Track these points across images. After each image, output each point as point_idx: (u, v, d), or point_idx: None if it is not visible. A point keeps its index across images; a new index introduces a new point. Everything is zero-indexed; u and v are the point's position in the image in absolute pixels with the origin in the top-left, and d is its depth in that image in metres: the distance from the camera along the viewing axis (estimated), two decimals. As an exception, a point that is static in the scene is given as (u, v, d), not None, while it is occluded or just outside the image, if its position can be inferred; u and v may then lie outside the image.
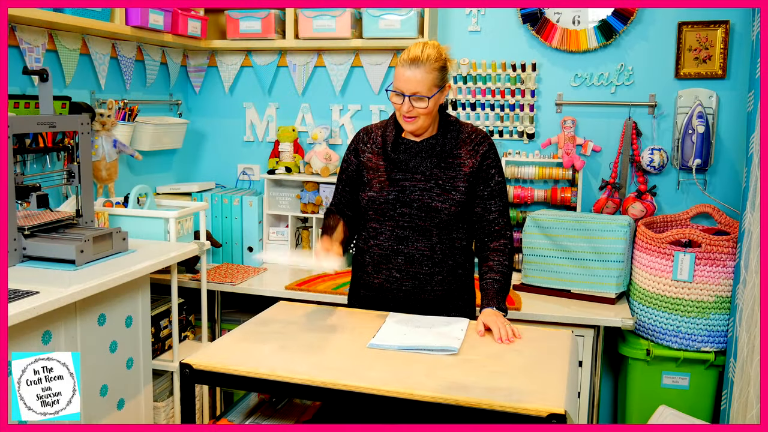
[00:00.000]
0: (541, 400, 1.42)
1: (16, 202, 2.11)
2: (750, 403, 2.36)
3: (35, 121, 2.16)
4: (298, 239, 3.37)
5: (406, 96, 1.94)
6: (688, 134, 2.88)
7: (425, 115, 1.97)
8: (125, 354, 2.33)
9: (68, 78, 2.68)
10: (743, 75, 2.86)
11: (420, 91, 1.93)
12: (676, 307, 2.64)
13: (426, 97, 1.94)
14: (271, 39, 3.19)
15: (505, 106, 3.14)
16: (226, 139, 3.55)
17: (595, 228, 2.72)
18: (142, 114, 3.04)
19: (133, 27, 2.75)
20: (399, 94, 1.95)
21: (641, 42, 2.98)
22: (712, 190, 2.96)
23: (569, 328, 2.25)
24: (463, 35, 3.17)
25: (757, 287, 2.35)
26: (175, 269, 2.56)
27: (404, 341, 1.74)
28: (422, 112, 1.96)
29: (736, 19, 2.85)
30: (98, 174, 2.79)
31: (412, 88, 1.93)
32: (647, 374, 2.72)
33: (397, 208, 2.02)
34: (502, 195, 2.07)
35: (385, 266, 2.05)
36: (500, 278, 2.00)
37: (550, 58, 3.08)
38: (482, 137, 2.06)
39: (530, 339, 1.82)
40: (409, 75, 1.93)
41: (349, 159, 2.15)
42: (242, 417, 1.75)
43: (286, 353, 1.67)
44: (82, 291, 1.94)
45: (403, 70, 1.94)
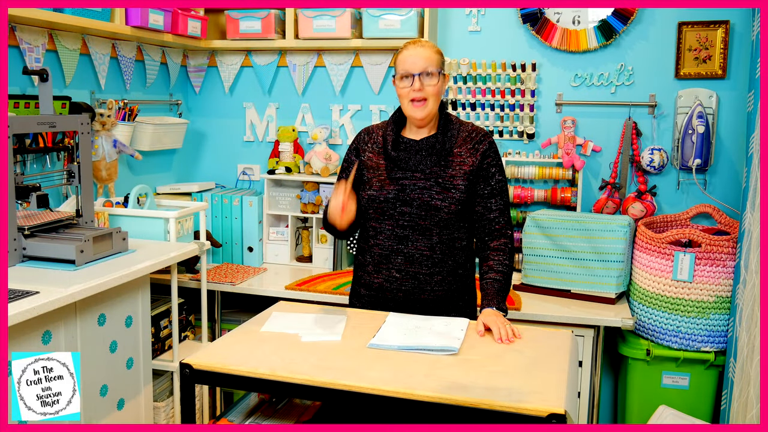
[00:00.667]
0: (541, 400, 1.42)
1: (16, 202, 2.11)
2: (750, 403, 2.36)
3: (35, 121, 2.16)
4: (298, 239, 3.37)
5: (416, 75, 1.96)
6: (688, 134, 2.89)
7: (434, 96, 1.99)
8: (125, 354, 2.33)
9: (68, 78, 2.68)
10: (743, 75, 2.86)
11: (429, 67, 1.96)
12: (676, 307, 2.64)
13: (436, 72, 1.97)
14: (271, 39, 3.19)
15: (505, 106, 3.14)
16: (226, 139, 3.55)
17: (595, 228, 2.72)
18: (142, 114, 3.04)
19: (133, 27, 2.75)
20: (407, 76, 1.97)
21: (641, 42, 2.98)
22: (712, 190, 2.97)
23: (569, 328, 2.25)
24: (463, 35, 3.17)
25: (757, 287, 2.35)
26: (175, 269, 2.56)
27: (404, 341, 1.74)
28: (432, 92, 1.98)
29: (736, 19, 2.85)
30: (98, 174, 2.79)
31: (422, 65, 1.96)
32: (647, 374, 2.72)
33: (397, 207, 2.02)
34: (502, 194, 2.07)
35: (385, 266, 2.05)
36: (500, 278, 2.00)
37: (550, 58, 3.08)
38: (482, 135, 2.06)
39: (530, 339, 1.82)
40: (416, 54, 1.97)
41: (350, 158, 2.15)
42: (242, 417, 1.75)
43: (286, 353, 1.67)
44: (82, 291, 1.94)
45: (408, 52, 1.98)
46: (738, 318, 2.48)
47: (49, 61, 2.58)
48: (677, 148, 2.93)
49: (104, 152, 2.77)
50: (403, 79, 1.98)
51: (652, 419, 2.56)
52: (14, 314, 1.70)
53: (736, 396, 2.48)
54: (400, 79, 1.99)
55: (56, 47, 2.59)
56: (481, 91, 3.14)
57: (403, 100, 2.01)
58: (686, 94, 2.92)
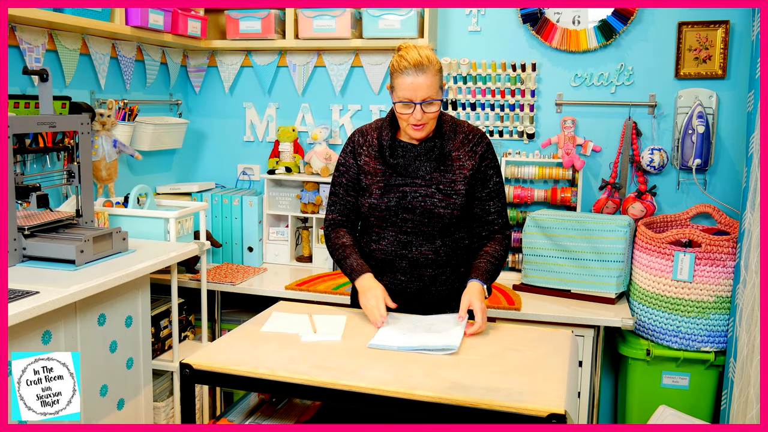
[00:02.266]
0: (541, 400, 1.42)
1: (16, 202, 2.11)
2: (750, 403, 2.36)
3: (35, 121, 2.16)
4: (298, 239, 3.37)
5: (417, 104, 1.89)
6: (688, 134, 2.88)
7: (433, 119, 1.95)
8: (125, 354, 2.33)
9: (68, 78, 2.68)
10: (743, 75, 2.86)
11: (430, 95, 1.89)
12: (676, 307, 2.64)
13: (437, 100, 1.91)
14: (271, 39, 3.19)
15: (505, 106, 3.14)
16: (226, 139, 3.55)
17: (595, 228, 2.72)
18: (142, 114, 3.04)
19: (133, 27, 2.75)
20: (408, 103, 1.90)
21: (641, 42, 2.98)
22: (712, 190, 2.96)
23: (569, 328, 2.25)
24: (463, 35, 3.17)
25: (757, 287, 2.35)
26: (175, 269, 2.56)
27: (404, 342, 1.74)
28: (432, 116, 1.93)
29: (736, 19, 2.85)
30: (98, 174, 2.79)
31: (423, 94, 1.88)
32: (647, 374, 2.72)
33: (399, 215, 2.00)
34: (500, 195, 2.06)
35: (390, 269, 2.05)
36: (494, 261, 2.00)
37: (550, 58, 3.08)
38: (479, 137, 2.05)
39: (530, 339, 1.82)
40: (418, 82, 1.87)
41: (347, 162, 2.09)
42: (242, 417, 1.75)
43: (286, 353, 1.67)
44: (82, 291, 1.94)
45: (409, 78, 1.88)
46: (738, 318, 2.48)
47: (49, 61, 2.58)
48: (677, 148, 2.93)
49: (104, 152, 2.77)
50: (404, 105, 1.91)
51: (652, 419, 2.56)
52: (14, 314, 1.70)
53: (736, 396, 2.48)
54: (400, 104, 1.91)
55: (56, 47, 2.59)
56: (481, 91, 3.14)
57: (401, 121, 1.96)
58: (686, 94, 2.92)
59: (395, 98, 1.94)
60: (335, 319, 1.93)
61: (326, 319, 1.92)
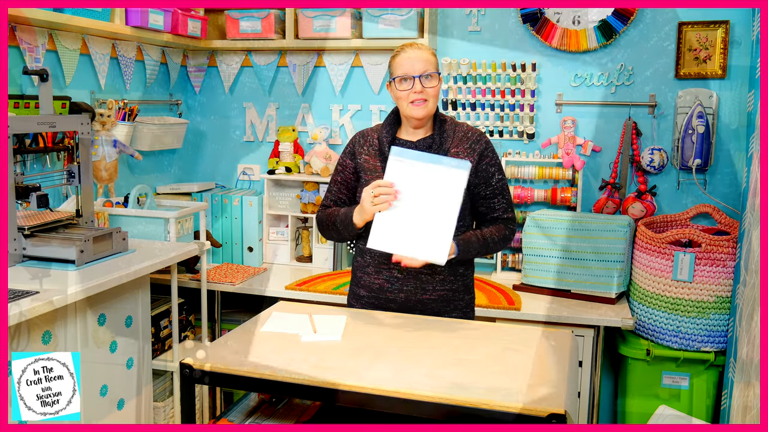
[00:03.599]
0: (541, 400, 1.42)
1: (16, 202, 2.11)
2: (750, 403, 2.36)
3: (35, 121, 2.16)
4: (298, 239, 3.37)
5: (416, 77, 1.95)
6: (688, 134, 2.88)
7: (434, 98, 1.99)
8: (125, 354, 2.33)
9: (68, 78, 2.68)
10: (743, 75, 2.86)
11: (428, 69, 1.96)
12: (676, 307, 2.64)
13: (436, 73, 1.97)
14: (271, 39, 3.19)
15: (505, 106, 3.14)
16: (226, 139, 3.55)
17: (595, 228, 2.72)
18: (142, 114, 3.04)
19: (133, 27, 2.75)
20: (407, 78, 1.96)
21: (641, 42, 2.98)
22: (712, 190, 2.96)
23: (569, 328, 2.25)
24: (463, 35, 3.17)
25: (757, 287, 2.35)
26: (175, 269, 2.56)
27: (397, 247, 1.89)
28: (432, 93, 1.98)
29: (736, 19, 2.85)
30: (98, 174, 2.79)
31: (421, 67, 1.95)
32: (647, 374, 2.72)
33: None
34: (504, 192, 2.07)
35: (386, 267, 2.05)
36: (482, 237, 2.01)
37: (550, 58, 3.08)
38: (478, 135, 2.06)
39: (530, 339, 1.82)
40: (415, 56, 1.96)
41: (344, 162, 2.14)
42: (242, 417, 1.75)
43: (286, 353, 1.67)
44: (82, 291, 1.94)
45: (406, 54, 1.97)
46: (738, 318, 2.48)
47: (49, 61, 2.58)
48: (677, 148, 2.93)
49: (104, 152, 2.77)
50: (403, 82, 1.97)
51: (652, 419, 2.56)
52: (14, 314, 1.70)
53: (736, 396, 2.48)
54: (399, 82, 1.97)
55: (56, 47, 2.59)
56: (481, 91, 3.14)
57: (401, 102, 2.00)
58: (686, 94, 2.92)
59: (395, 80, 1.99)
60: (335, 319, 1.93)
61: (326, 319, 1.92)
